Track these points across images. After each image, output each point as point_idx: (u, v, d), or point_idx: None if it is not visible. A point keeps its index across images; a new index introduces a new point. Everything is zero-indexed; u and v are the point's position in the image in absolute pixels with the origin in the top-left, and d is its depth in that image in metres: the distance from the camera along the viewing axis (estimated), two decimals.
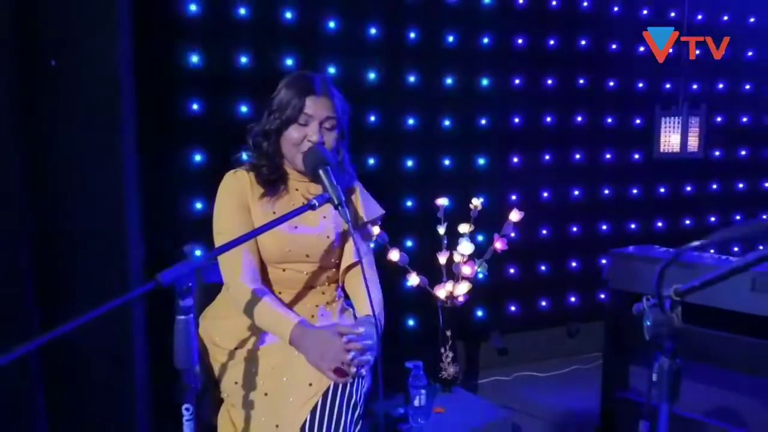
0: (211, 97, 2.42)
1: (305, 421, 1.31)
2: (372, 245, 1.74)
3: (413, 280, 2.07)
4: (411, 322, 2.82)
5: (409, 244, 2.74)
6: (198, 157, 2.42)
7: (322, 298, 1.60)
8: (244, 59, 2.46)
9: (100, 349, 1.81)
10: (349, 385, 1.35)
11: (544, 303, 3.25)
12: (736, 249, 3.15)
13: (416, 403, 1.88)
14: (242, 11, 2.44)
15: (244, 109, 2.48)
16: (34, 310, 1.77)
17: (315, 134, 1.47)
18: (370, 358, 1.37)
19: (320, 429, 1.30)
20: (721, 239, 0.93)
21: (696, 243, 0.91)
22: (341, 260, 1.61)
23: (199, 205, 2.42)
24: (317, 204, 1.29)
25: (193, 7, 2.34)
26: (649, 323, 1.00)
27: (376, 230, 1.82)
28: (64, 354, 1.76)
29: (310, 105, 1.47)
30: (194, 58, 2.37)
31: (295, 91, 1.48)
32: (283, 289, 1.56)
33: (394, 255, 2.04)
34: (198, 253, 1.18)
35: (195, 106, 2.40)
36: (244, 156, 1.60)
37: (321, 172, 1.35)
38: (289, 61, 2.54)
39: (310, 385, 1.33)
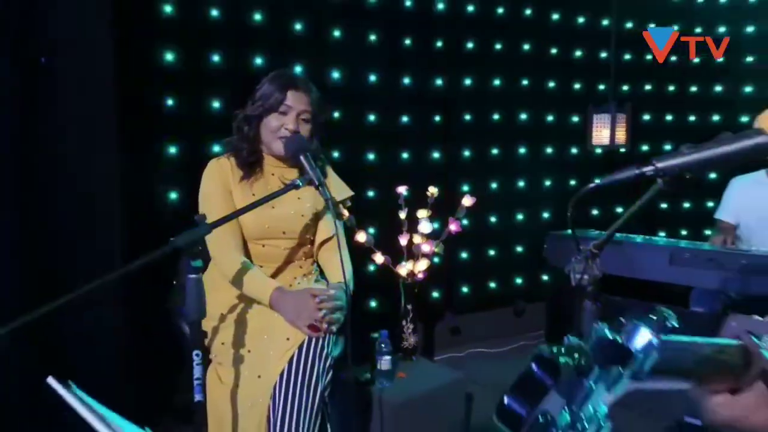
0: (185, 94, 2.57)
1: (283, 369, 1.50)
2: (342, 226, 1.94)
3: (378, 258, 2.29)
4: (374, 302, 3.06)
5: (371, 231, 2.97)
6: (173, 150, 2.56)
7: (299, 270, 1.80)
8: (216, 58, 2.62)
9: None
10: (321, 339, 1.55)
11: (492, 285, 3.54)
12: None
13: (382, 367, 2.10)
14: (214, 13, 2.61)
15: (216, 104, 2.63)
16: (19, 298, 1.88)
17: (292, 123, 1.67)
18: (340, 317, 1.59)
19: (296, 375, 1.49)
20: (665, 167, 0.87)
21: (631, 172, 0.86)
22: (315, 236, 1.81)
23: (174, 195, 2.56)
24: (300, 184, 1.50)
25: (168, 9, 2.49)
26: (575, 273, 1.26)
27: (345, 213, 2.03)
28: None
29: (290, 98, 1.67)
30: (169, 57, 2.52)
31: (278, 84, 1.68)
32: (263, 263, 1.75)
33: (361, 236, 2.25)
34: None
35: (170, 102, 2.54)
36: (216, 148, 1.78)
37: (302, 157, 1.56)
38: (258, 60, 2.72)
39: (288, 339, 1.53)
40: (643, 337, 0.50)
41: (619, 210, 3.93)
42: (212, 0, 2.58)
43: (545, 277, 3.66)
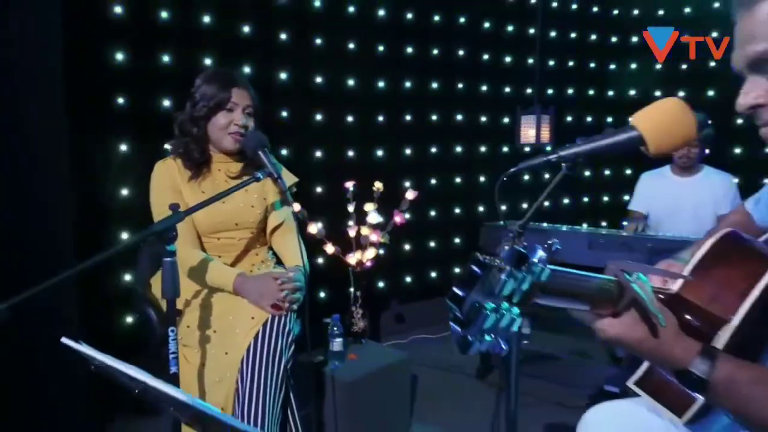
0: (136, 93, 2.63)
1: (249, 344, 1.62)
2: (291, 213, 2.05)
3: (329, 249, 2.45)
4: (324, 291, 3.22)
5: (319, 224, 3.11)
6: (123, 148, 2.62)
7: (257, 258, 1.93)
8: (165, 58, 2.70)
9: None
10: (283, 317, 1.69)
11: (433, 274, 3.78)
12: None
13: (334, 348, 2.26)
14: (164, 14, 2.68)
15: (166, 103, 2.71)
16: None
17: (240, 119, 1.78)
18: (299, 297, 1.73)
19: (262, 350, 1.62)
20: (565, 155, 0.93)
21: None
22: (267, 224, 1.94)
23: (124, 192, 2.62)
24: (261, 177, 1.63)
25: (118, 10, 2.55)
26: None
27: (297, 206, 2.17)
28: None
29: (235, 94, 1.77)
30: (119, 56, 2.57)
31: (219, 84, 1.77)
32: (222, 254, 1.85)
33: (313, 228, 2.40)
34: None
35: (120, 101, 2.59)
36: (167, 146, 1.87)
37: (260, 152, 1.68)
38: (207, 61, 2.81)
39: (252, 318, 1.66)
40: (538, 252, 0.72)
41: (546, 204, 4.27)
42: (162, 3, 2.66)
43: None
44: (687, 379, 0.78)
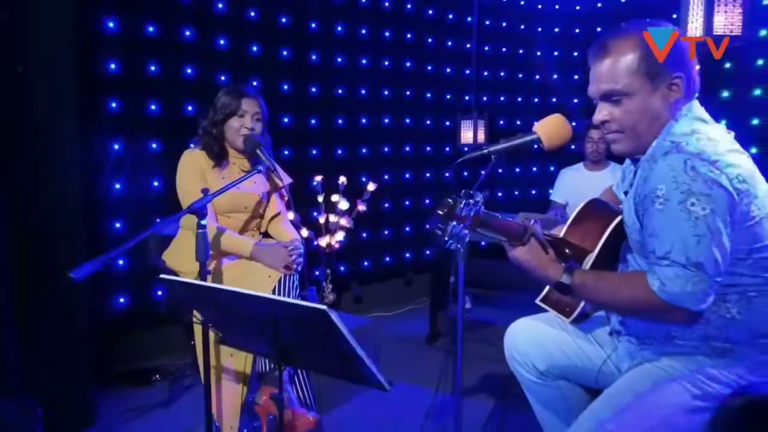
0: (127, 98, 2.97)
1: None
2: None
3: (304, 233, 2.90)
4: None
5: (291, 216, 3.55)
6: (116, 147, 2.95)
7: (252, 237, 2.35)
8: (153, 68, 3.05)
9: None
10: (291, 276, 2.12)
11: (387, 259, 4.28)
12: None
13: None
14: (151, 29, 3.03)
15: (153, 107, 3.06)
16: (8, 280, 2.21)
17: (249, 123, 2.21)
18: (302, 260, 2.17)
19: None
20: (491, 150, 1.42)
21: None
22: (265, 212, 2.37)
23: (117, 186, 2.95)
24: (262, 170, 2.07)
25: (111, 25, 2.88)
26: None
27: (285, 196, 2.60)
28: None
29: (245, 104, 2.20)
30: (112, 66, 2.91)
31: (233, 95, 2.20)
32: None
33: (290, 215, 2.84)
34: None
35: (113, 105, 2.93)
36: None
37: (258, 151, 2.12)
38: (189, 70, 3.18)
39: (269, 277, 2.07)
40: (479, 195, 1.21)
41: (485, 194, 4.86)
42: (149, 17, 3.02)
43: (428, 252, 4.48)
44: (559, 287, 1.30)
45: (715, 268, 1.11)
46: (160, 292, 3.12)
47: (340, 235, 2.93)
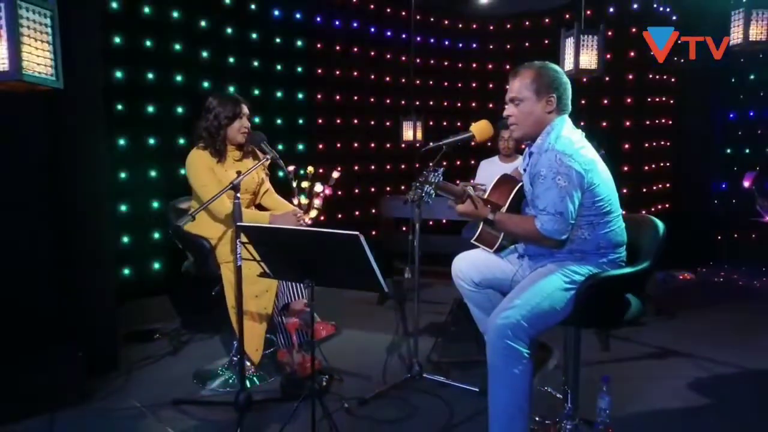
0: (129, 101, 3.53)
1: None
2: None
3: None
4: None
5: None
6: (121, 142, 3.50)
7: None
8: (150, 75, 3.62)
9: None
10: None
11: None
12: None
13: None
14: (148, 43, 3.60)
15: (150, 109, 3.63)
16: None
17: (247, 123, 2.87)
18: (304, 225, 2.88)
19: None
20: (439, 144, 2.29)
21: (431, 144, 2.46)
22: (259, 190, 3.04)
23: (123, 175, 3.51)
24: (269, 159, 2.75)
25: (116, 39, 3.43)
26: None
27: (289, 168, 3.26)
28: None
29: (243, 108, 2.85)
30: (118, 74, 3.46)
31: (233, 102, 2.82)
32: None
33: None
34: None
35: (119, 107, 3.48)
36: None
37: (262, 144, 2.80)
38: (178, 78, 3.77)
39: None
40: (440, 171, 2.01)
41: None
42: (147, 35, 3.59)
43: (374, 233, 5.27)
44: (487, 222, 2.12)
45: (570, 215, 1.96)
46: (157, 265, 3.71)
47: (313, 213, 3.64)
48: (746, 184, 2.56)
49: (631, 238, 2.12)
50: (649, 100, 5.06)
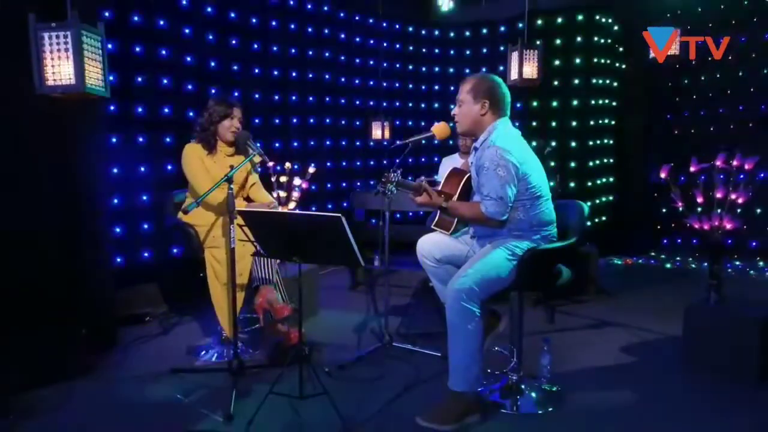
0: (121, 102, 3.83)
1: None
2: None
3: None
4: None
5: None
6: (114, 140, 3.80)
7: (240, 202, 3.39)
8: (140, 78, 3.93)
9: None
10: None
11: None
12: None
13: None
14: (137, 49, 3.91)
15: (140, 109, 3.94)
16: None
17: (237, 122, 3.23)
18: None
19: None
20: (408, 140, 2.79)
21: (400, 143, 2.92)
22: (247, 183, 3.40)
23: (115, 170, 3.81)
24: (257, 154, 3.11)
25: (109, 45, 3.72)
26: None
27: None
28: None
29: (234, 109, 3.22)
30: (111, 78, 3.74)
31: (225, 104, 3.18)
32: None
33: None
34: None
35: (111, 108, 3.77)
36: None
37: (249, 142, 3.17)
38: (164, 81, 4.08)
39: None
40: (399, 172, 2.44)
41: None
42: (137, 41, 3.89)
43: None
44: (441, 209, 2.55)
45: (509, 199, 2.38)
46: (146, 254, 4.02)
47: (291, 205, 4.01)
48: (662, 175, 3.06)
49: (561, 218, 2.58)
50: (593, 102, 5.61)
